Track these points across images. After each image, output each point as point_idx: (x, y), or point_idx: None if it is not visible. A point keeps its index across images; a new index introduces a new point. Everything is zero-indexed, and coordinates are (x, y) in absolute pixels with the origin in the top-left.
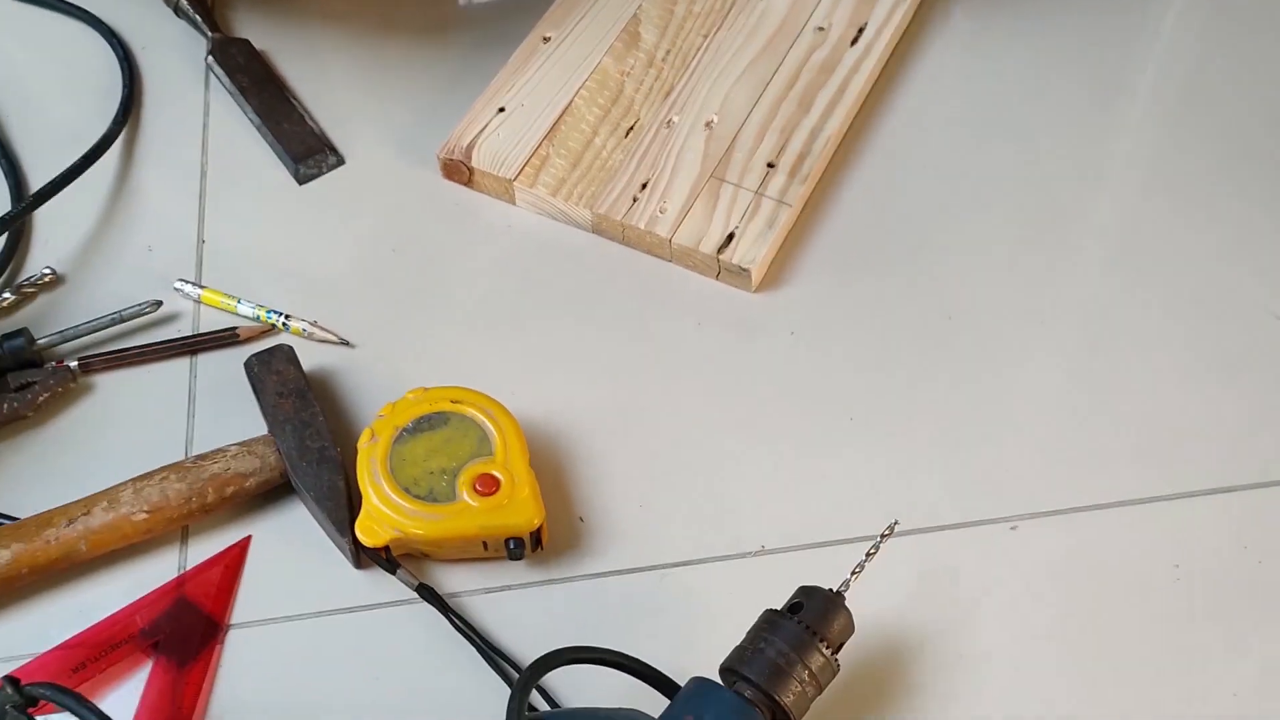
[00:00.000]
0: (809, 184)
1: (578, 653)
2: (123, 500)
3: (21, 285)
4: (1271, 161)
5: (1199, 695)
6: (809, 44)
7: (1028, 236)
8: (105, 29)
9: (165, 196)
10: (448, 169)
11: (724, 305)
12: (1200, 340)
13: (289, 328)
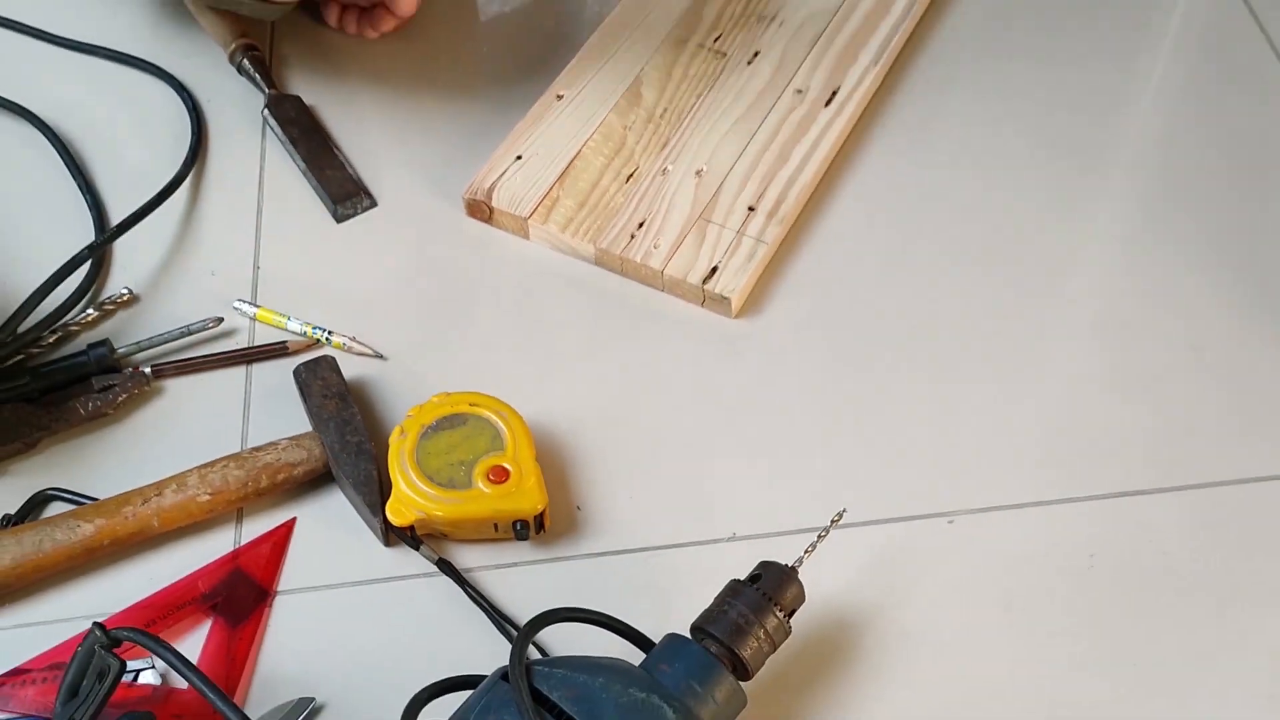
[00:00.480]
0: (784, 225)
1: (570, 612)
2: (189, 484)
3: (104, 303)
4: (1197, 213)
5: (1108, 665)
6: (789, 104)
7: (975, 271)
8: (178, 84)
9: (226, 228)
10: (471, 208)
11: (708, 328)
12: (1123, 363)
13: (331, 342)
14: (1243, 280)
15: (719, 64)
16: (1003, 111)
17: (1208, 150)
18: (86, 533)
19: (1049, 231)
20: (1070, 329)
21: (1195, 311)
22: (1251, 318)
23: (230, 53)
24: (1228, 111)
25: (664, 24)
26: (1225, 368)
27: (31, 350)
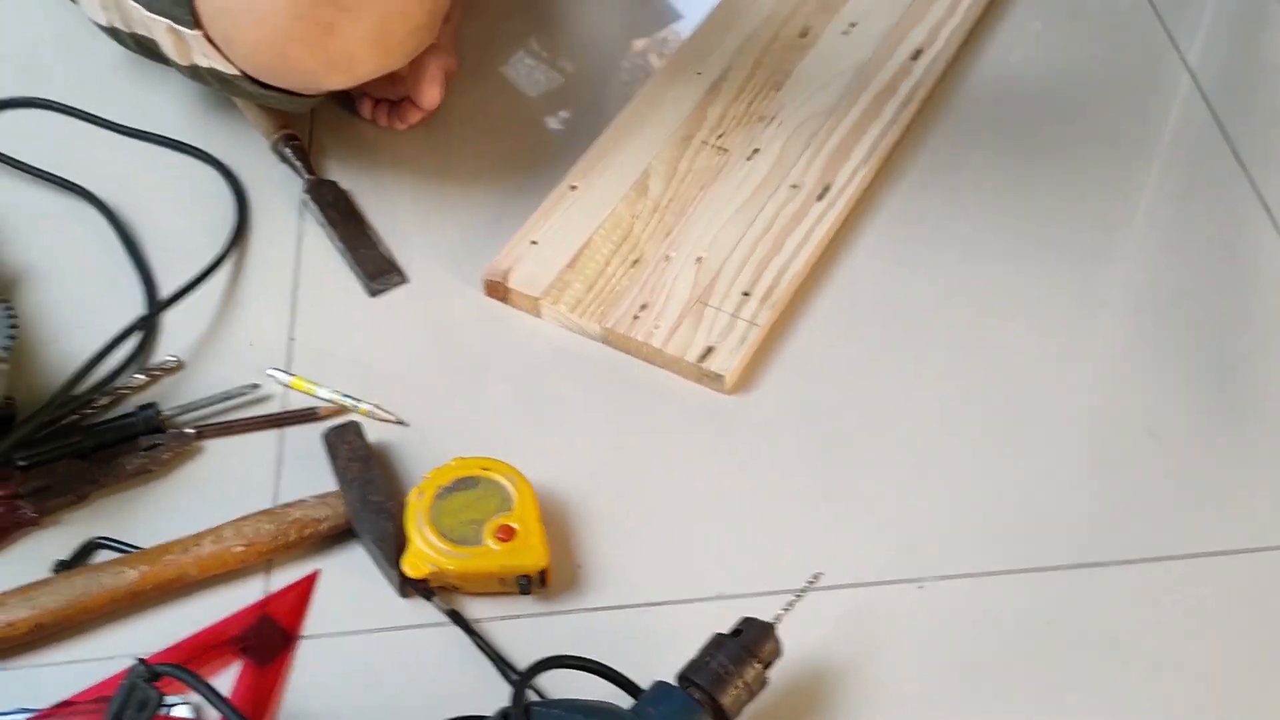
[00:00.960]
0: (776, 310)
1: (567, 660)
2: (225, 536)
3: (152, 369)
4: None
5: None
6: (784, 197)
7: (952, 357)
8: (224, 169)
9: (264, 303)
10: (489, 288)
11: (703, 403)
12: (1086, 447)
13: (358, 408)
14: (1202, 374)
15: (721, 160)
16: (986, 209)
17: (1176, 254)
18: (131, 578)
19: (1022, 322)
20: (1038, 414)
21: (1155, 401)
22: (1207, 407)
23: (273, 142)
24: (1195, 221)
25: (671, 122)
26: (1180, 452)
27: (85, 411)
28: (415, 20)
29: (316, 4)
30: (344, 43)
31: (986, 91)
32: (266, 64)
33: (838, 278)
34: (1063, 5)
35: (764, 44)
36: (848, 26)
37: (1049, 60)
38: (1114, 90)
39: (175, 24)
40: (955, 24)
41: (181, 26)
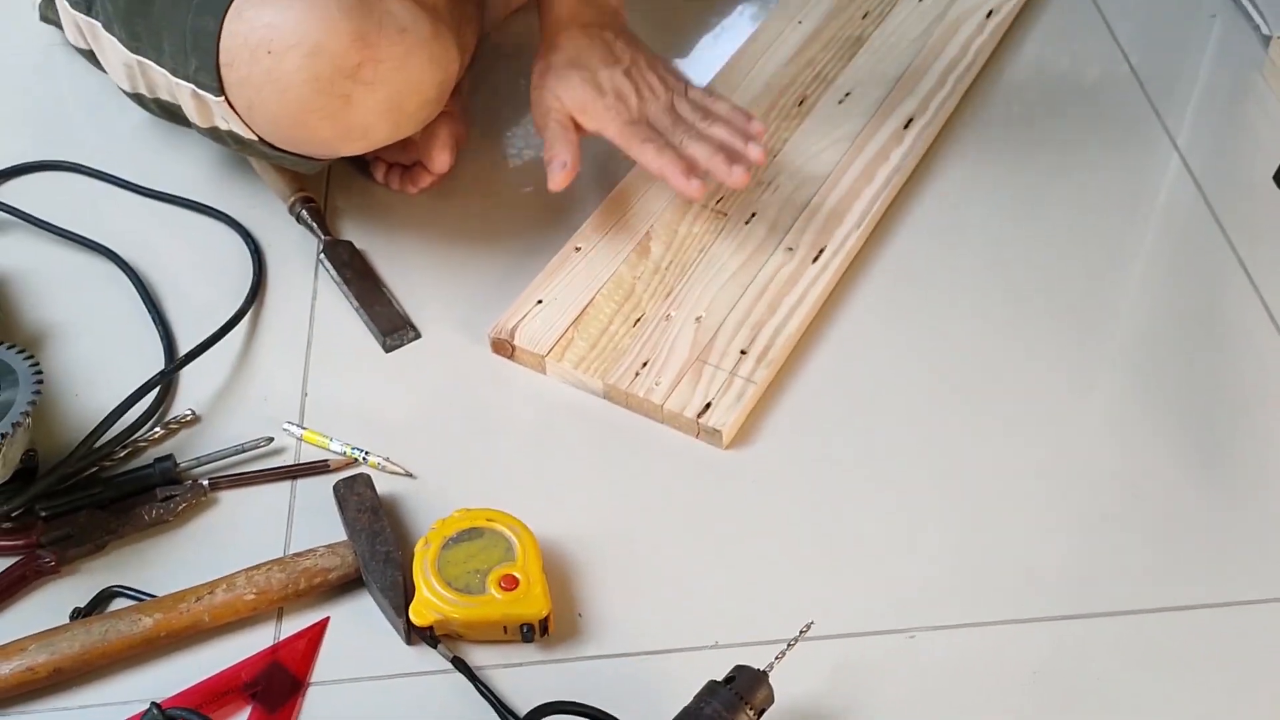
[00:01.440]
0: (772, 369)
1: (566, 705)
2: (237, 584)
3: (169, 422)
4: (1150, 371)
5: None
6: (780, 260)
7: (942, 412)
8: (243, 230)
9: (280, 358)
10: (495, 345)
11: (701, 458)
12: (1073, 501)
13: (368, 461)
14: (1186, 433)
15: (720, 223)
16: (977, 272)
17: (1162, 318)
18: (146, 626)
19: (1014, 380)
20: (1026, 469)
21: (1141, 458)
22: (1191, 465)
23: (290, 204)
24: (1181, 287)
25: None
26: (1165, 508)
27: (104, 463)
28: (427, 94)
29: (336, 78)
30: (360, 114)
31: (977, 160)
32: (286, 131)
33: (832, 337)
34: (1052, 78)
35: (762, 112)
36: (842, 96)
37: (1038, 130)
38: (1102, 162)
39: (200, 90)
40: (945, 94)
41: (206, 93)
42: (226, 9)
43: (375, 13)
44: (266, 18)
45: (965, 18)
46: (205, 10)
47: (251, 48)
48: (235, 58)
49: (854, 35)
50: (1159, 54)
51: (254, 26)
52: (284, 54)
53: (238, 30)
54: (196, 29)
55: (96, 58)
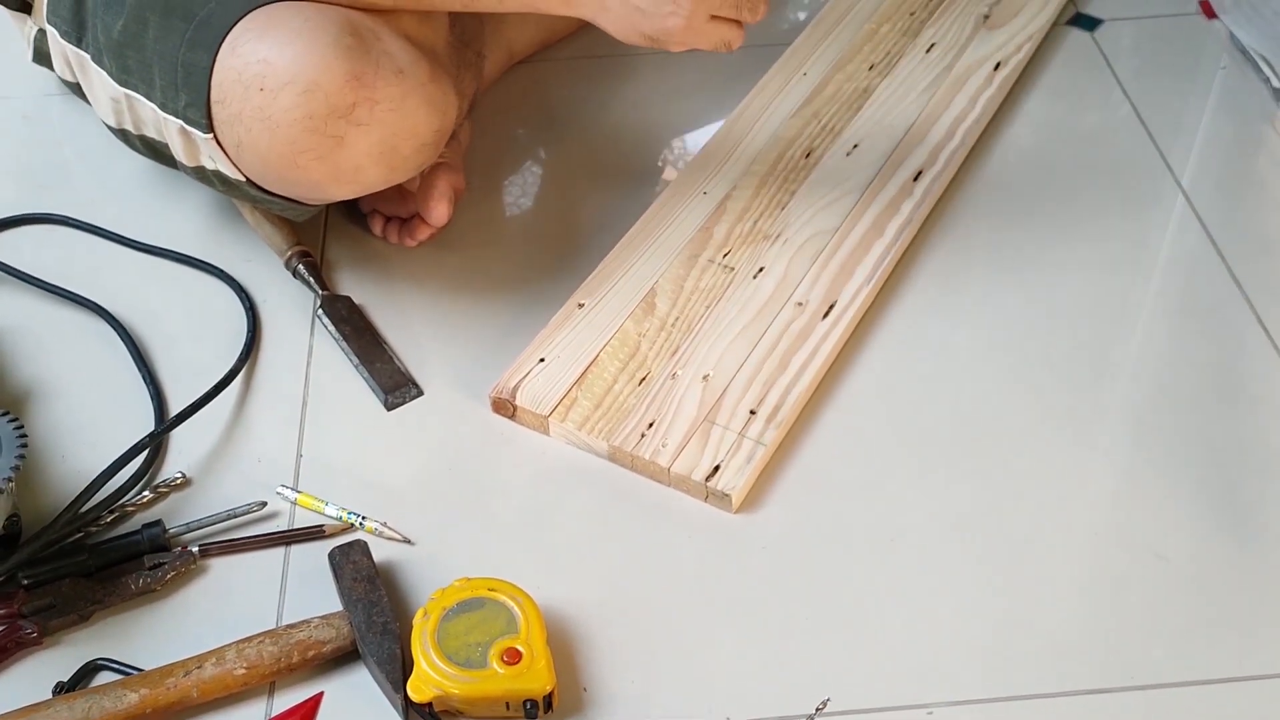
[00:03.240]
0: (782, 429)
1: None
2: (227, 658)
3: (158, 486)
4: (1168, 429)
5: None
6: (789, 316)
7: (958, 475)
8: (237, 285)
9: (274, 418)
10: (497, 405)
11: (710, 523)
12: (1094, 568)
13: (364, 527)
14: (1206, 493)
15: (727, 278)
16: (989, 327)
17: (1175, 373)
18: (131, 701)
19: (1029, 440)
20: (1043, 534)
21: (1161, 521)
22: (1213, 527)
23: (286, 258)
24: (1193, 340)
25: (678, 241)
26: (1188, 574)
27: (90, 529)
28: (422, 138)
29: (330, 118)
30: (352, 155)
31: (985, 211)
32: (275, 172)
33: (842, 396)
34: (1059, 128)
35: (769, 164)
36: (850, 148)
37: (1046, 180)
38: (1110, 211)
39: (188, 126)
40: (954, 146)
41: (195, 130)
42: (220, 44)
43: (373, 53)
44: (261, 53)
45: (973, 70)
46: (198, 44)
47: (245, 84)
48: (227, 94)
49: (861, 87)
50: (1168, 106)
51: (248, 62)
52: (277, 91)
53: (231, 65)
54: (188, 63)
55: (83, 91)
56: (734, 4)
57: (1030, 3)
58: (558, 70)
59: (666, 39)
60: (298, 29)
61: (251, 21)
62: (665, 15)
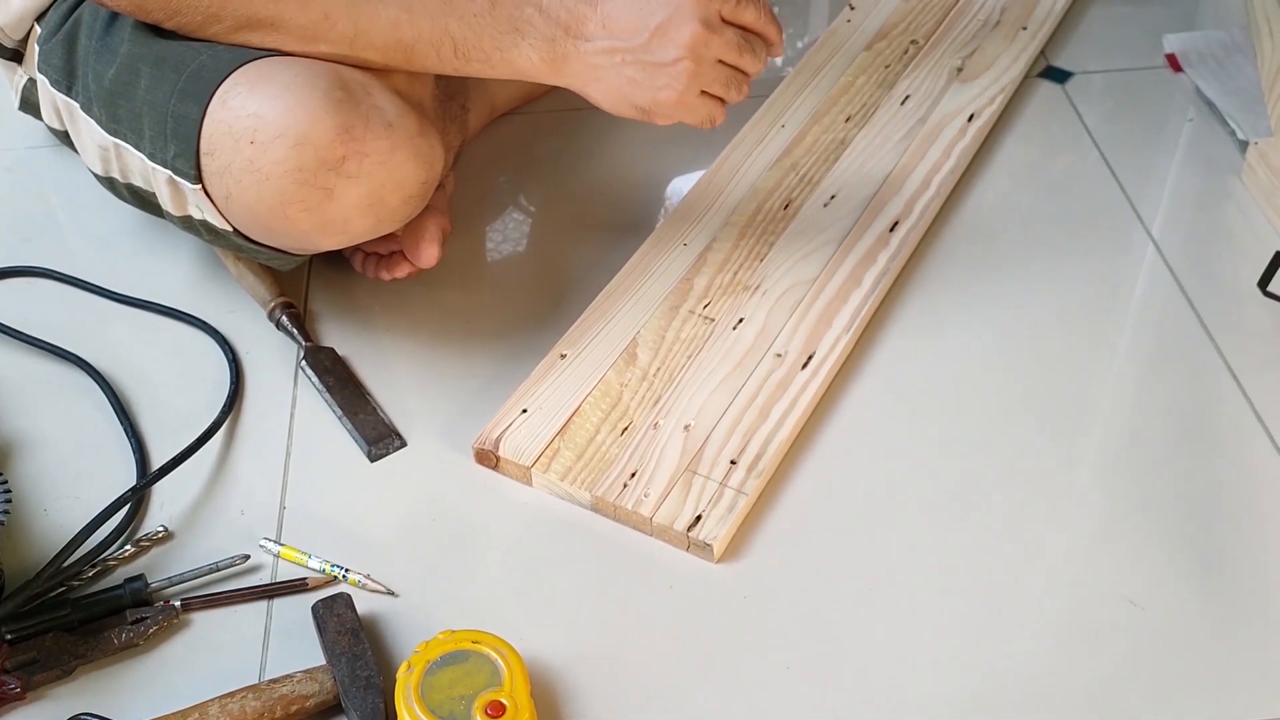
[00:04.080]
0: (763, 479)
1: None
2: (210, 713)
3: (140, 540)
4: (1141, 478)
5: None
6: (769, 366)
7: (936, 523)
8: (220, 337)
9: (257, 470)
10: (480, 456)
11: (692, 572)
12: (1069, 615)
13: (348, 579)
14: (1182, 542)
15: (708, 329)
16: (965, 375)
17: (1148, 421)
18: None
19: (1005, 487)
20: (1021, 583)
21: (1136, 568)
22: (1187, 574)
23: (270, 309)
24: (1165, 389)
25: (659, 292)
26: (1163, 621)
27: (73, 583)
28: (409, 190)
29: (320, 170)
30: (340, 207)
31: (960, 260)
32: (263, 223)
33: (822, 445)
34: (1032, 178)
35: (748, 215)
36: (828, 199)
37: (1019, 230)
38: (1082, 259)
39: (177, 177)
40: (929, 196)
41: (183, 180)
42: (211, 96)
43: (362, 106)
44: (252, 107)
45: (947, 121)
46: (189, 96)
47: (235, 137)
48: (217, 146)
49: (838, 139)
50: (1137, 157)
51: (239, 115)
52: (268, 144)
53: (222, 118)
54: (178, 114)
55: (70, 139)
56: (724, 82)
57: (1002, 56)
58: (540, 123)
59: (657, 111)
60: (288, 83)
61: (242, 75)
62: (660, 88)
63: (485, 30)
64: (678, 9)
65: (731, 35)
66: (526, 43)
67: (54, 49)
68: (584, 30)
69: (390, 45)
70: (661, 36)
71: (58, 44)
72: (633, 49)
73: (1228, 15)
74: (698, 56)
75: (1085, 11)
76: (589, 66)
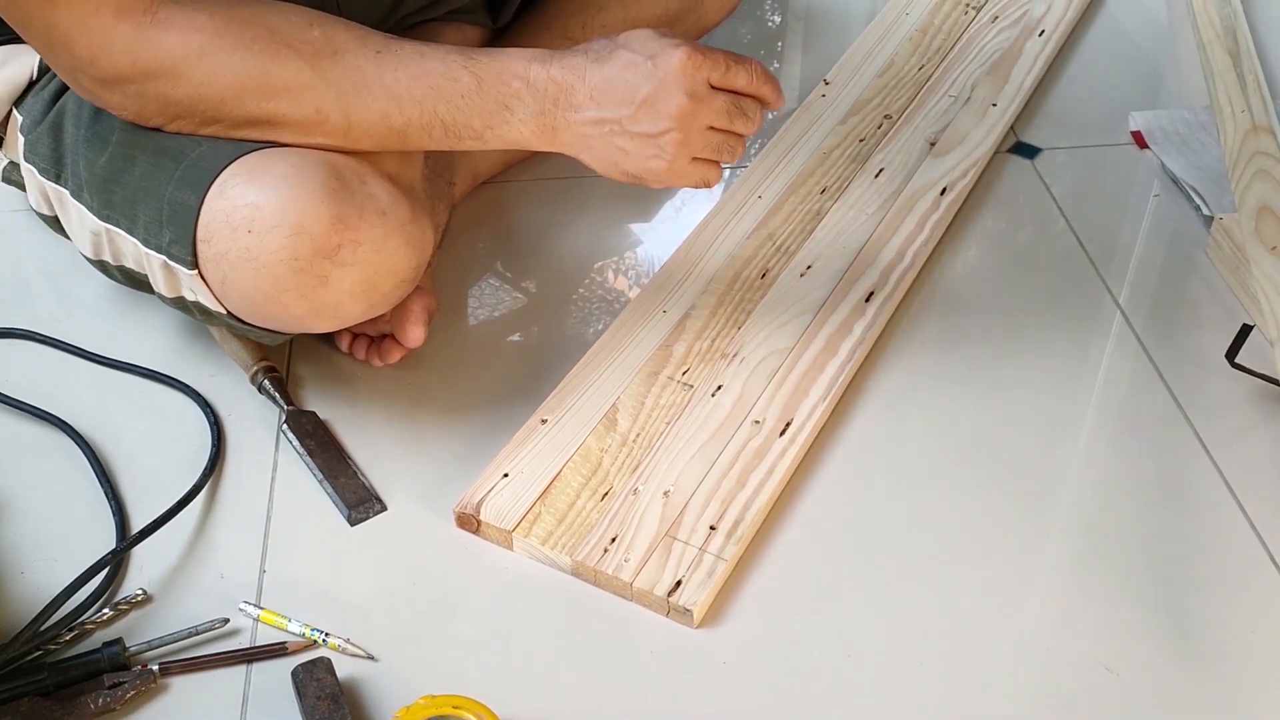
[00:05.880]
0: (742, 544)
1: None
2: None
3: (119, 603)
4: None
5: None
6: (747, 433)
7: (912, 589)
8: (201, 400)
9: (237, 534)
10: (461, 520)
11: (671, 638)
12: (1044, 682)
13: (328, 643)
14: (1154, 609)
15: (686, 395)
16: (940, 443)
17: (1118, 489)
18: None
19: (980, 554)
20: (995, 649)
21: (1109, 635)
22: (1160, 641)
23: (252, 373)
24: (1134, 457)
25: (638, 359)
26: (1138, 689)
27: (49, 646)
28: (402, 274)
29: (316, 259)
30: (334, 293)
31: (934, 330)
32: (258, 308)
33: (800, 512)
34: (1002, 250)
35: (726, 284)
36: (804, 269)
37: (991, 300)
38: (1053, 329)
39: (172, 262)
40: (904, 267)
41: (179, 265)
42: (210, 185)
43: (357, 196)
44: (250, 197)
45: (921, 194)
46: (186, 185)
47: (233, 226)
48: (214, 234)
49: (813, 209)
50: (1105, 230)
51: (236, 205)
52: (265, 234)
53: (219, 208)
54: (176, 202)
55: (60, 223)
56: (715, 147)
57: (973, 132)
58: (520, 191)
59: (648, 178)
60: (284, 173)
61: (240, 166)
62: (648, 158)
63: (474, 111)
64: (662, 82)
65: (721, 103)
66: (516, 118)
67: (40, 138)
68: (572, 101)
69: (383, 133)
70: (649, 109)
71: (44, 133)
72: (620, 120)
73: (1191, 94)
74: (685, 127)
75: (1053, 89)
76: (580, 136)
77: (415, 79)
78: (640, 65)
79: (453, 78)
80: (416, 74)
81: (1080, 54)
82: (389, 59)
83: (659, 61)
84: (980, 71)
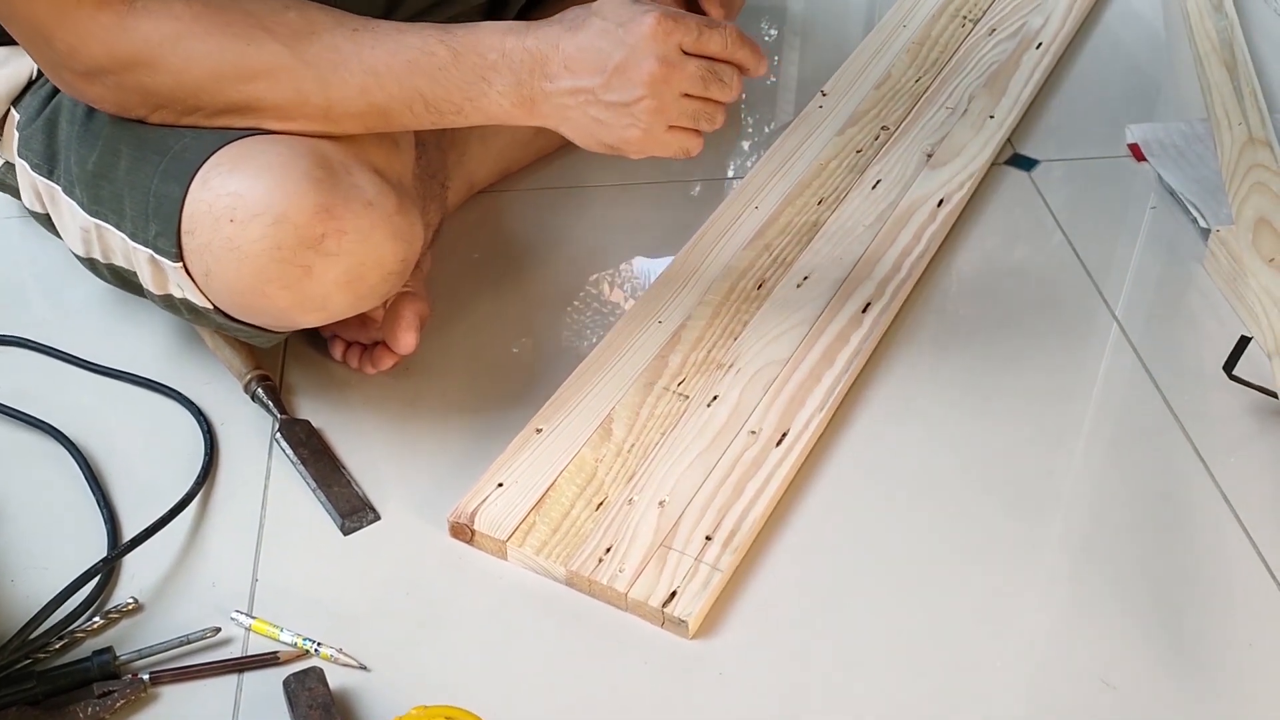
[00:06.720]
0: (738, 554)
1: None
2: None
3: (109, 612)
4: (1114, 559)
5: None
6: (743, 444)
7: (908, 600)
8: (195, 408)
9: (230, 542)
10: (454, 530)
11: (666, 648)
12: (1042, 696)
13: (320, 653)
14: (1152, 622)
15: (682, 406)
16: (936, 454)
17: (1114, 502)
18: None
19: (976, 565)
20: (992, 662)
21: (1106, 648)
22: (1159, 654)
23: (245, 381)
24: (1131, 470)
25: (634, 369)
26: (1135, 702)
27: (39, 655)
28: (388, 268)
29: (299, 248)
30: (319, 285)
31: (931, 341)
32: (243, 300)
33: (796, 523)
34: (999, 261)
35: (723, 294)
36: (801, 280)
37: (988, 311)
38: (1049, 340)
39: (158, 255)
40: (901, 278)
41: (164, 259)
42: (193, 176)
43: (342, 185)
44: (232, 186)
45: (917, 206)
46: (170, 176)
47: (215, 215)
48: (197, 224)
49: (810, 221)
50: (1102, 243)
51: (219, 195)
52: (247, 223)
53: (202, 198)
54: (160, 194)
55: (52, 221)
56: (691, 115)
57: (970, 144)
58: (516, 200)
59: (626, 148)
60: (268, 162)
61: (224, 155)
62: (624, 127)
63: (452, 83)
64: (633, 48)
65: (695, 68)
66: (495, 90)
67: (34, 134)
68: (547, 71)
69: (364, 111)
70: (620, 76)
71: (38, 129)
72: (594, 89)
73: (1188, 107)
74: (658, 94)
75: (1050, 101)
76: (557, 107)
77: (393, 54)
78: (611, 32)
79: (429, 51)
80: (393, 49)
81: (1077, 66)
82: (366, 36)
83: (630, 28)
84: (977, 83)
